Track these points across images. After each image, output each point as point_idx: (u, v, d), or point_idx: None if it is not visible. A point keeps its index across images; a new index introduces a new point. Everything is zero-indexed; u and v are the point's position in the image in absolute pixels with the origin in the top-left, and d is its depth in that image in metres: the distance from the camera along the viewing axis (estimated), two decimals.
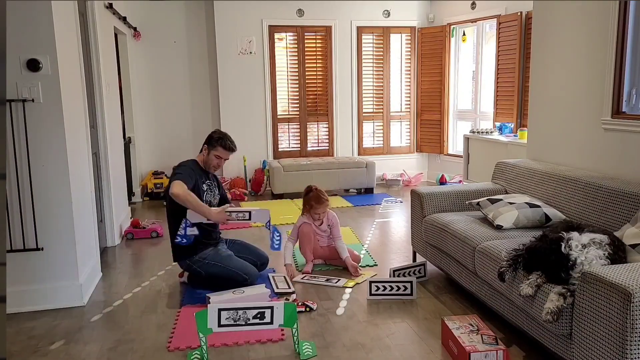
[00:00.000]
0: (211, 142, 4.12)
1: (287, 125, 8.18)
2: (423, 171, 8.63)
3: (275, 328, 3.03)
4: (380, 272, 4.37)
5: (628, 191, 3.19)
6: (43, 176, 3.61)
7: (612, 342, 2.22)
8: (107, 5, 5.48)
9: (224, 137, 4.14)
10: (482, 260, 3.27)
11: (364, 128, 8.43)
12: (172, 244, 4.10)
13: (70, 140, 3.71)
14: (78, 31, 4.19)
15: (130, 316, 3.62)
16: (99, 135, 5.05)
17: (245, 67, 7.79)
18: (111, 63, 5.78)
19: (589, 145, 3.96)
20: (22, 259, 3.65)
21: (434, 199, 4.24)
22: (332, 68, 8.11)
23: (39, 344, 3.23)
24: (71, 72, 3.91)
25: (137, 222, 5.62)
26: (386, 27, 8.22)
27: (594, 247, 2.61)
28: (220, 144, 4.10)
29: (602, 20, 3.76)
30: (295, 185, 7.25)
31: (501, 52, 6.88)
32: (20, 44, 3.46)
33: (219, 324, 2.92)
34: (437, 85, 8.18)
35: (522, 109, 6.61)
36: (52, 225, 3.67)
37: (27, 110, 3.52)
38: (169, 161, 7.78)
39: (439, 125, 8.24)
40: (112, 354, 3.09)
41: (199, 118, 7.99)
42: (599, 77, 3.82)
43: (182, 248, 4.02)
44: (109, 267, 4.62)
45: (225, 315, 2.92)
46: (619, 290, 2.18)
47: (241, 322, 2.94)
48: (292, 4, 7.84)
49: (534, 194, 4.01)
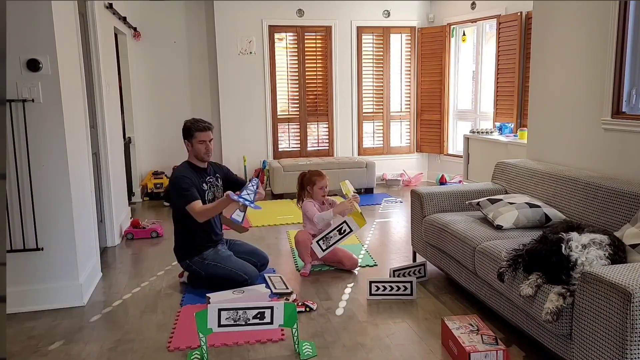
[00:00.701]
0: (188, 133, 4.10)
1: (287, 125, 8.18)
2: (423, 171, 8.63)
3: (275, 328, 3.03)
4: (380, 272, 4.37)
5: (628, 191, 3.19)
6: (43, 176, 3.61)
7: (612, 342, 2.22)
8: (107, 6, 5.48)
9: (194, 121, 4.12)
10: (482, 260, 3.27)
11: (364, 128, 8.43)
12: (175, 246, 4.13)
13: (70, 141, 3.71)
14: (78, 31, 4.19)
15: (130, 316, 3.62)
16: (99, 135, 5.05)
17: (245, 67, 7.79)
18: (111, 63, 5.78)
19: (589, 145, 3.96)
20: (22, 259, 3.65)
21: (434, 199, 4.24)
22: (332, 68, 8.11)
23: (39, 344, 3.23)
24: (71, 72, 3.91)
25: (137, 222, 5.62)
26: (386, 27, 8.22)
27: (594, 248, 2.61)
28: (196, 129, 4.08)
29: (602, 20, 3.76)
30: (295, 185, 7.21)
31: (501, 52, 6.89)
32: (20, 44, 3.46)
33: (219, 324, 2.92)
34: (437, 85, 8.18)
35: (522, 109, 6.61)
36: (52, 225, 3.67)
37: (27, 110, 3.52)
38: (169, 161, 7.80)
39: (439, 125, 8.24)
40: (112, 354, 3.09)
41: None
42: (599, 77, 3.82)
43: (184, 249, 4.03)
44: (109, 267, 4.62)
45: (225, 315, 2.93)
46: (619, 290, 2.18)
47: (241, 322, 2.94)
48: (292, 4, 7.84)
49: (534, 194, 4.01)
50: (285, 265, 4.57)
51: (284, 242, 5.31)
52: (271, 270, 4.41)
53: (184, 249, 4.06)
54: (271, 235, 5.56)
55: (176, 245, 4.15)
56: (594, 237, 2.69)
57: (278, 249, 5.07)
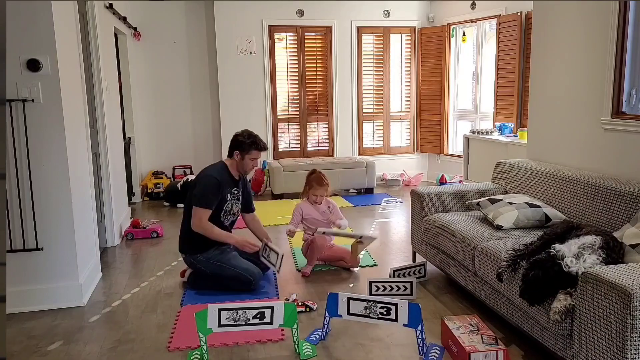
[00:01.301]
0: (243, 147, 4.03)
1: (287, 125, 8.18)
2: (423, 171, 8.64)
3: (275, 328, 3.03)
4: (381, 273, 4.37)
5: (628, 191, 3.19)
6: (43, 176, 3.61)
7: (612, 342, 2.22)
8: (107, 6, 5.48)
9: (255, 138, 4.08)
10: (482, 260, 3.27)
11: (364, 128, 8.43)
12: (180, 237, 4.14)
13: (70, 141, 3.71)
14: (78, 31, 4.19)
15: (130, 316, 3.62)
16: (99, 135, 5.05)
17: (245, 67, 7.79)
18: (111, 63, 5.78)
19: (589, 145, 3.97)
20: (22, 259, 3.65)
21: (434, 199, 4.24)
22: (332, 68, 8.11)
23: (38, 344, 3.23)
24: (71, 72, 3.91)
25: (137, 222, 5.62)
26: (386, 27, 8.22)
27: (588, 253, 2.60)
28: (255, 148, 4.05)
29: (602, 20, 3.77)
30: (295, 185, 7.25)
31: (501, 52, 6.89)
32: (20, 44, 3.46)
33: (219, 324, 2.92)
34: (437, 86, 8.18)
35: (522, 109, 6.61)
36: (52, 225, 3.67)
37: (27, 111, 3.52)
38: (169, 161, 7.81)
39: (439, 125, 8.24)
40: (112, 354, 3.09)
41: (199, 118, 7.99)
42: (599, 77, 3.82)
43: (189, 243, 4.05)
44: (108, 267, 4.62)
45: (225, 315, 2.93)
46: (619, 290, 2.18)
47: (241, 322, 2.94)
48: (292, 4, 7.84)
49: (534, 194, 4.01)
50: (284, 265, 4.56)
51: (284, 242, 5.30)
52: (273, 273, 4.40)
53: (190, 243, 4.04)
54: (271, 235, 5.55)
55: (182, 236, 4.13)
56: (582, 242, 2.67)
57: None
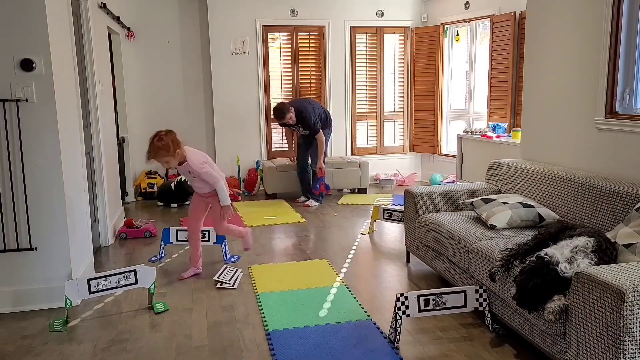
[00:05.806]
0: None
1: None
2: (416, 171, 8.65)
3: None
4: (374, 270, 4.38)
5: (621, 191, 3.21)
6: (36, 176, 3.60)
7: (606, 341, 2.24)
8: (101, 5, 5.46)
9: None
10: (476, 260, 3.28)
11: (358, 128, 8.43)
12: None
13: (63, 140, 3.70)
14: (72, 31, 4.17)
15: (123, 316, 3.61)
16: (93, 135, 5.02)
17: (239, 66, 7.78)
18: (105, 63, 5.75)
19: (582, 145, 3.99)
20: (16, 259, 3.64)
21: (427, 198, 4.25)
22: (326, 68, 8.11)
23: (32, 343, 3.22)
24: (65, 72, 3.89)
25: (131, 221, 5.61)
26: (380, 27, 8.23)
27: (580, 257, 2.62)
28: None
29: (596, 20, 3.79)
30: (288, 185, 7.27)
31: (495, 52, 6.91)
32: (14, 43, 3.44)
33: (90, 291, 3.49)
34: (430, 85, 8.20)
35: (515, 108, 6.64)
36: (46, 225, 3.66)
37: (20, 110, 3.50)
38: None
39: (433, 125, 8.26)
40: (105, 354, 3.09)
41: (193, 118, 7.96)
42: (593, 77, 3.84)
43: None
44: (102, 267, 4.61)
45: (94, 284, 3.51)
46: (612, 290, 2.19)
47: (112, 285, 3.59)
48: (285, 4, 7.84)
49: (527, 193, 4.03)
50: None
51: (277, 241, 5.31)
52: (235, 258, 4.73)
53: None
54: (266, 235, 5.56)
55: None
56: (575, 244, 2.68)
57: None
